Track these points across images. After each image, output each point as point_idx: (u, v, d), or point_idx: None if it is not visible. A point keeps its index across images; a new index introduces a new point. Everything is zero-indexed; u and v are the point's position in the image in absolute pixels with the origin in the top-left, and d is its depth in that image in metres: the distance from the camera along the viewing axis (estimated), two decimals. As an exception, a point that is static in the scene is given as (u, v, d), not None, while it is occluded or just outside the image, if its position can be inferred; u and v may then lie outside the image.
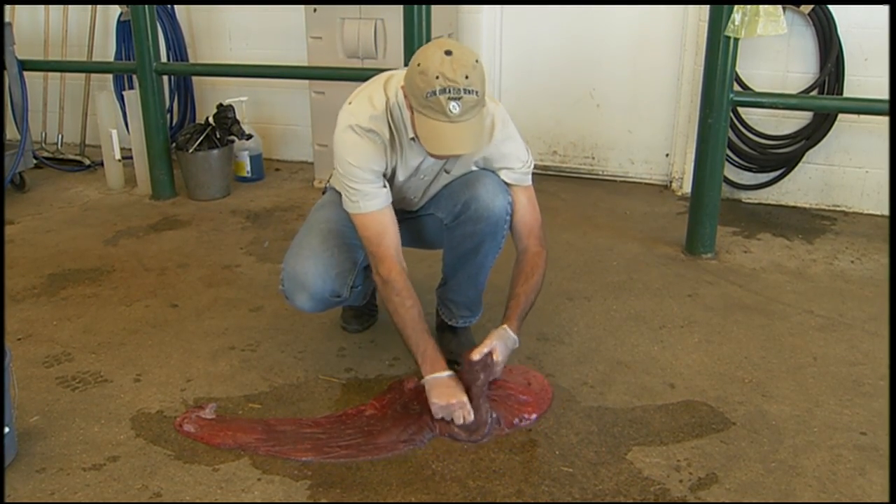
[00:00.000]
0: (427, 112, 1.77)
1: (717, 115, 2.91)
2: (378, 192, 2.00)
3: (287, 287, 2.14)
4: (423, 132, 1.81)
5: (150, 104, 3.76)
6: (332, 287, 2.11)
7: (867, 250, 3.21)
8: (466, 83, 1.74)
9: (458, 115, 1.75)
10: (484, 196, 2.04)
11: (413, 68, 1.79)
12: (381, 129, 1.96)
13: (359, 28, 3.68)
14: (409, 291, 2.00)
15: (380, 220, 2.00)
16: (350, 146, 1.97)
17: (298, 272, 2.11)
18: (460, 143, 1.82)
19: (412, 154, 2.03)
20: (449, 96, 1.74)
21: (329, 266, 2.09)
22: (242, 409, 2.10)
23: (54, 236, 3.42)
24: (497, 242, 2.13)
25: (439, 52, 1.76)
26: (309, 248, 2.13)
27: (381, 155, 1.99)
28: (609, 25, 3.97)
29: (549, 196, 3.88)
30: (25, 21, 4.79)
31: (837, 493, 1.77)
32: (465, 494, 1.76)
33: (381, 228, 2.00)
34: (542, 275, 2.11)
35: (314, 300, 2.13)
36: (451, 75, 1.73)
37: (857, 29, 3.44)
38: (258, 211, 3.75)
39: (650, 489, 1.78)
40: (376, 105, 1.96)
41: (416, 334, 2.00)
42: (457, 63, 1.74)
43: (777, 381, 2.23)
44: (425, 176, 2.12)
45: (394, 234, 2.02)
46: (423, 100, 1.76)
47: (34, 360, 2.35)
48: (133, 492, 1.78)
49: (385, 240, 2.00)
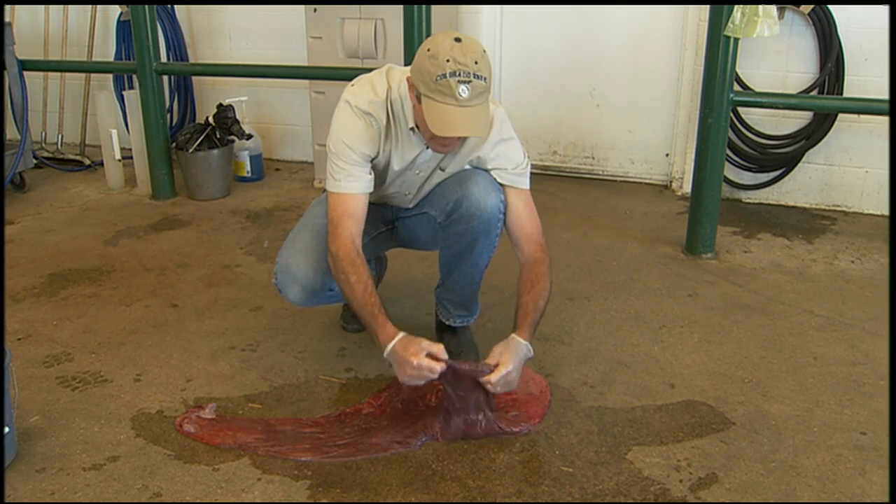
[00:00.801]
0: (436, 96, 1.78)
1: (718, 114, 2.91)
2: (361, 176, 2.01)
3: (280, 280, 2.15)
4: (431, 115, 1.81)
5: (150, 104, 3.76)
6: (324, 280, 2.11)
7: (867, 250, 3.21)
8: (476, 68, 1.77)
9: (466, 99, 1.77)
10: (475, 194, 2.04)
11: (422, 54, 1.81)
12: (379, 114, 1.99)
13: (359, 28, 3.68)
14: (355, 267, 1.95)
15: (351, 204, 2.00)
16: (346, 124, 1.99)
17: (291, 265, 2.12)
18: (467, 127, 1.82)
19: (409, 146, 2.04)
20: (459, 79, 1.75)
21: (321, 259, 2.09)
22: (242, 409, 2.10)
23: (54, 236, 3.42)
24: (491, 241, 2.12)
25: (449, 39, 1.79)
26: (302, 241, 2.14)
27: (373, 139, 2.00)
28: (609, 25, 3.98)
29: (549, 196, 3.88)
30: (25, 21, 4.79)
31: (837, 493, 1.77)
32: (464, 494, 1.76)
33: (350, 211, 2.00)
34: (548, 281, 2.05)
35: (306, 292, 2.13)
36: (461, 59, 1.76)
37: (857, 29, 3.44)
38: (258, 211, 3.75)
39: (650, 489, 1.78)
40: (378, 91, 1.99)
41: (363, 309, 1.94)
42: (466, 49, 1.78)
43: (777, 381, 2.23)
44: (420, 171, 2.12)
45: (358, 221, 2.01)
46: (433, 83, 1.77)
47: (34, 360, 2.35)
48: (133, 492, 1.78)
49: (347, 221, 1.99)
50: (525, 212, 2.10)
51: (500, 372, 1.87)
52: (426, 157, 2.07)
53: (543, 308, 2.02)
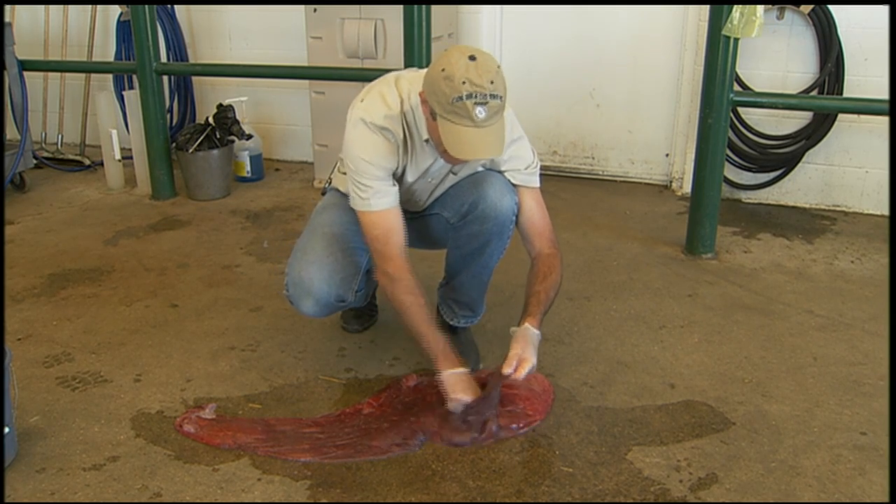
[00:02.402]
0: (452, 118, 1.76)
1: (717, 114, 2.91)
2: (389, 191, 1.99)
3: (292, 293, 2.14)
4: (449, 138, 1.79)
5: (150, 104, 3.76)
6: (338, 292, 2.11)
7: (867, 250, 3.21)
8: (492, 88, 1.75)
9: (483, 121, 1.75)
10: (492, 196, 2.04)
11: (436, 74, 1.77)
12: (396, 128, 1.96)
13: (359, 28, 3.68)
14: (419, 289, 1.99)
15: (389, 219, 2.00)
16: (363, 142, 1.96)
17: (304, 278, 2.10)
18: (485, 148, 1.81)
19: (423, 156, 2.04)
20: (475, 101, 1.73)
21: (334, 271, 2.09)
22: (242, 410, 2.10)
23: (54, 236, 3.42)
24: (503, 242, 2.12)
25: (464, 58, 1.75)
26: (313, 252, 2.13)
27: (393, 153, 1.98)
28: (609, 25, 3.97)
29: (549, 196, 3.83)
30: (25, 21, 4.79)
31: (837, 493, 1.77)
32: (465, 494, 1.76)
33: (389, 226, 2.00)
34: (559, 275, 2.08)
35: (320, 305, 2.13)
36: (477, 80, 1.73)
37: (857, 29, 3.44)
38: (258, 211, 3.75)
39: (650, 489, 1.78)
40: (391, 105, 1.96)
41: (430, 332, 1.99)
42: (482, 68, 1.74)
43: (777, 381, 2.23)
44: (433, 179, 2.12)
45: (401, 233, 2.02)
46: (449, 105, 1.75)
47: (34, 360, 2.35)
48: (133, 492, 1.78)
49: (393, 238, 1.99)
50: (537, 210, 2.13)
51: (525, 368, 1.90)
52: (439, 165, 2.06)
53: (553, 300, 2.05)
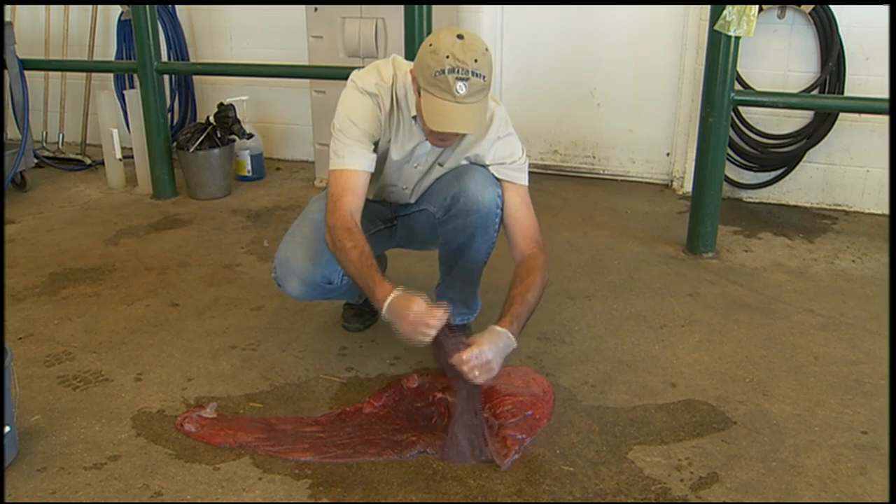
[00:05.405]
0: (434, 90, 1.81)
1: (718, 114, 2.91)
2: (364, 154, 2.03)
3: (279, 273, 2.16)
4: (428, 109, 1.84)
5: (150, 103, 3.76)
6: (323, 272, 2.11)
7: (868, 249, 3.21)
8: (475, 66, 1.79)
9: (463, 96, 1.79)
10: (472, 188, 2.05)
11: (424, 48, 1.84)
12: (384, 97, 2.02)
13: (359, 27, 3.68)
14: (351, 234, 1.94)
15: (352, 179, 2.01)
16: (352, 102, 2.04)
17: (290, 257, 2.13)
18: (462, 124, 1.84)
19: (409, 135, 2.06)
20: (457, 76, 1.78)
21: (320, 251, 2.09)
22: (243, 409, 2.10)
23: (55, 235, 3.42)
24: (489, 235, 2.12)
25: (451, 36, 1.81)
26: (300, 234, 2.15)
27: (377, 119, 2.03)
28: (610, 24, 3.97)
29: (549, 195, 3.88)
30: (26, 20, 4.79)
31: (838, 492, 1.77)
32: (465, 494, 1.76)
33: (349, 186, 2.00)
34: (541, 277, 2.00)
35: (305, 285, 2.13)
36: (461, 56, 1.78)
37: (858, 28, 3.44)
38: (259, 210, 3.75)
39: (651, 488, 1.78)
40: (384, 76, 2.03)
41: (360, 273, 1.92)
42: (468, 46, 1.80)
43: (778, 381, 2.23)
44: (419, 165, 2.13)
45: (358, 197, 2.01)
46: (432, 78, 1.80)
47: (35, 360, 2.35)
48: (134, 491, 1.78)
49: (347, 196, 2.00)
50: (522, 208, 2.10)
51: (471, 350, 1.79)
52: (425, 149, 2.08)
53: (532, 302, 1.96)
